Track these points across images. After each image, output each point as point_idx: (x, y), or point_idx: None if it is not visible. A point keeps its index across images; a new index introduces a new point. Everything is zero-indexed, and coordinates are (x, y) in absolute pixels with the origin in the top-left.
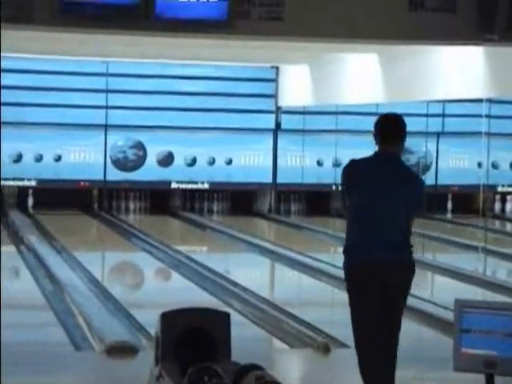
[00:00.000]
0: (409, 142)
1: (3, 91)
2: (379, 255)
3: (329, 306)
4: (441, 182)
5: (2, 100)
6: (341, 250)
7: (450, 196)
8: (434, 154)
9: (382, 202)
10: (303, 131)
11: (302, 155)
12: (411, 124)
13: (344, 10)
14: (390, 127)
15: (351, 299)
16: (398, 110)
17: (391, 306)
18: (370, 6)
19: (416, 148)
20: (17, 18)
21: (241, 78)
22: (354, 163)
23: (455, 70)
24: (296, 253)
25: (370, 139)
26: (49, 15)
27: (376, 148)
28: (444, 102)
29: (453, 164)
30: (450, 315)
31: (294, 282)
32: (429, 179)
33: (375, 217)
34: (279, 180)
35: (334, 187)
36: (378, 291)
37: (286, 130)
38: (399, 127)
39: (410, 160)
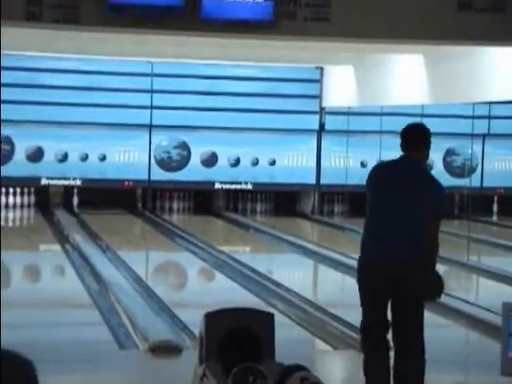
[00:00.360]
0: (454, 144)
1: (50, 91)
2: (388, 254)
3: None
4: (486, 184)
5: (49, 99)
6: None
7: (495, 198)
8: (480, 156)
9: (399, 204)
10: (347, 132)
11: (345, 156)
12: (456, 126)
13: (391, 10)
14: (415, 136)
15: (360, 296)
16: (444, 112)
17: (404, 304)
18: (417, 7)
19: (461, 150)
20: (65, 19)
21: (285, 78)
22: (379, 166)
23: (502, 71)
24: (339, 254)
25: None
26: (96, 16)
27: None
28: (490, 103)
29: (499, 166)
30: (497, 319)
31: (337, 283)
32: (474, 181)
33: (390, 217)
34: (323, 181)
35: None
36: (384, 288)
37: (330, 131)
38: (424, 136)
39: (456, 162)
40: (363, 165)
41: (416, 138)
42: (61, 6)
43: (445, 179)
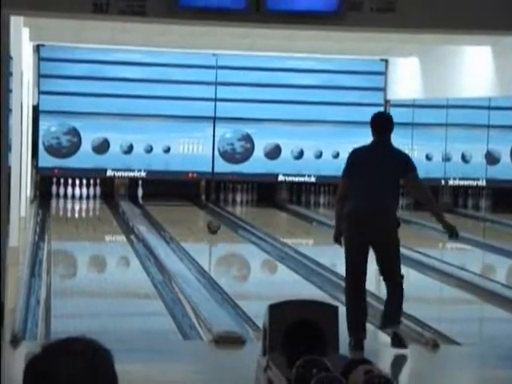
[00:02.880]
0: None
1: (117, 83)
2: (371, 208)
3: (437, 303)
4: None
5: (116, 92)
6: (449, 245)
7: None
8: None
9: (378, 174)
10: (412, 124)
11: (410, 149)
12: None
13: (457, 0)
14: (382, 123)
15: (345, 242)
16: (511, 104)
17: (382, 249)
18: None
19: None
20: (131, 11)
21: (350, 71)
22: (356, 151)
23: None
24: (404, 248)
25: (482, 133)
26: (162, 8)
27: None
28: None
29: None
30: None
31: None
32: None
33: (372, 186)
34: None
35: (443, 182)
36: (366, 237)
37: (395, 124)
38: (389, 122)
39: None
40: (428, 158)
41: (386, 124)
42: None
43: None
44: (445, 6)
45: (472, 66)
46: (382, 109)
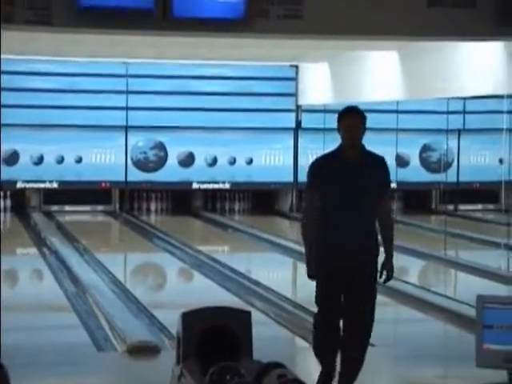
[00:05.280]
0: (430, 140)
1: (27, 94)
2: (350, 255)
3: None
4: (463, 178)
5: (25, 102)
6: None
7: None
8: (456, 151)
9: (355, 196)
10: (324, 130)
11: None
12: (432, 121)
13: (363, 7)
14: (350, 119)
15: (319, 284)
16: (418, 108)
17: (360, 290)
18: (389, 3)
19: (437, 145)
20: (36, 20)
21: (261, 77)
22: (319, 161)
23: (475, 66)
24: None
25: (391, 136)
26: (68, 17)
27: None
28: (464, 98)
29: (474, 161)
30: (474, 312)
31: None
32: (450, 176)
33: (348, 216)
34: (300, 179)
35: None
36: (341, 278)
37: (307, 129)
38: (359, 117)
39: (432, 157)
40: None
41: (353, 121)
42: (32, 7)
43: (421, 175)
44: (351, 13)
45: (380, 71)
46: (293, 114)
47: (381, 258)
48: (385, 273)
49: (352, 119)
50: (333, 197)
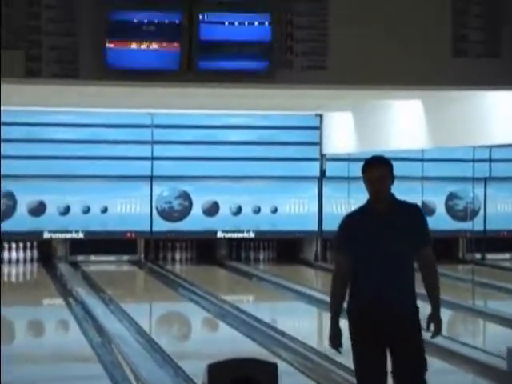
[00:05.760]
0: (456, 188)
1: (52, 145)
2: (384, 310)
3: None
4: (490, 227)
5: (51, 153)
6: None
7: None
8: (482, 199)
9: (386, 250)
10: (348, 178)
11: (347, 202)
12: (458, 169)
13: (387, 57)
14: (375, 170)
15: (355, 342)
16: (444, 156)
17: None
18: (413, 53)
19: (463, 193)
20: (63, 74)
21: (284, 126)
22: (347, 219)
23: (501, 115)
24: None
25: (416, 185)
26: (94, 71)
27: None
28: (490, 147)
29: (501, 209)
30: (503, 364)
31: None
32: (477, 224)
33: (381, 267)
34: (325, 228)
35: None
36: (383, 337)
37: (331, 177)
38: (384, 168)
39: (458, 205)
40: None
41: (379, 172)
42: (60, 61)
43: (448, 223)
44: (374, 63)
45: (404, 119)
46: (318, 163)
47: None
48: (432, 326)
49: (377, 170)
50: (366, 254)
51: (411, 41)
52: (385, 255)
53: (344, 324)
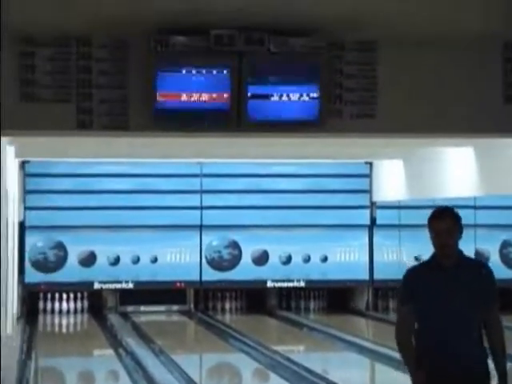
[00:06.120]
0: (510, 235)
1: (102, 195)
2: (456, 375)
3: None
4: None
5: (101, 204)
6: None
7: None
8: None
9: (452, 307)
10: (399, 226)
11: (398, 250)
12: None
13: (436, 105)
14: (441, 222)
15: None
16: (497, 203)
17: None
18: (463, 101)
19: None
20: (113, 126)
21: (334, 174)
22: (411, 272)
23: None
24: (396, 352)
25: (470, 232)
26: (144, 121)
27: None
28: None
29: None
30: None
31: (395, 382)
32: None
33: (447, 324)
34: (376, 276)
35: None
36: None
37: (382, 225)
38: (451, 220)
39: None
40: (417, 259)
41: (447, 225)
42: (110, 113)
43: (502, 271)
44: (424, 111)
45: (455, 167)
46: (368, 211)
47: None
48: None
49: (444, 222)
50: (431, 309)
51: (461, 88)
52: (451, 312)
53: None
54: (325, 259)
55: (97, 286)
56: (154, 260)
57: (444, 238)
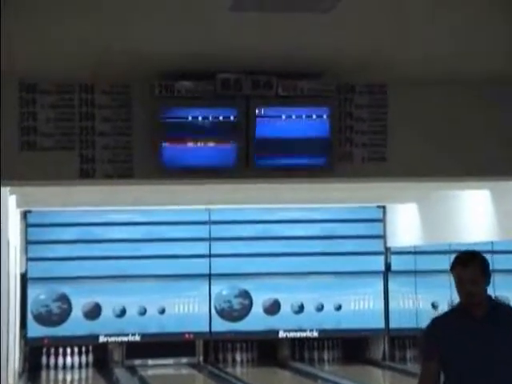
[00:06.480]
0: None
1: (107, 245)
2: None
3: None
4: None
5: (106, 254)
6: None
7: None
8: None
9: (485, 359)
10: (415, 272)
11: (415, 298)
12: None
13: (450, 147)
14: (467, 269)
15: None
16: None
17: None
18: (478, 143)
19: None
20: (117, 174)
21: (345, 219)
22: (435, 324)
23: None
24: None
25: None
26: (149, 170)
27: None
28: None
29: None
30: None
31: None
32: None
33: (480, 377)
34: (392, 325)
35: None
36: None
37: (397, 272)
38: (476, 267)
39: None
40: (434, 306)
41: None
42: (113, 161)
43: None
44: (437, 154)
45: (472, 210)
46: (382, 257)
47: None
48: None
49: (469, 269)
50: (460, 363)
51: (476, 129)
52: (483, 364)
53: None
54: (338, 308)
55: (102, 339)
56: (162, 311)
57: (470, 286)
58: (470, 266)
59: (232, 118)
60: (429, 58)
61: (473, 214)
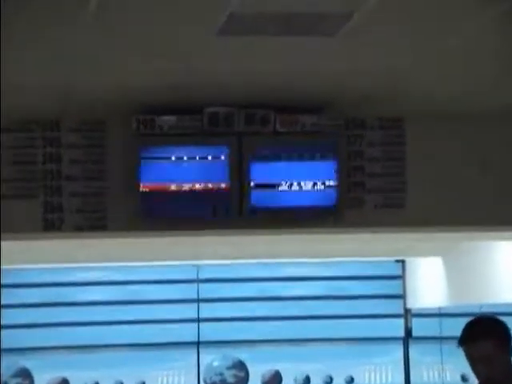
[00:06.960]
0: None
1: (76, 309)
2: None
3: None
4: None
5: (76, 319)
6: None
7: None
8: None
9: None
10: (441, 338)
11: (441, 369)
12: None
13: (477, 193)
14: (479, 347)
15: None
16: None
17: None
18: (500, 189)
19: None
20: (88, 225)
21: (358, 276)
22: None
23: None
24: None
25: None
26: (126, 220)
27: None
28: None
29: None
30: None
31: None
32: None
33: None
34: None
35: None
36: None
37: (419, 338)
38: (489, 342)
39: None
40: (464, 379)
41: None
42: (83, 210)
43: None
44: (464, 198)
45: (508, 264)
46: (401, 320)
47: None
48: None
49: (479, 348)
50: None
51: (507, 175)
52: None
53: None
54: (350, 381)
55: None
56: None
57: (484, 366)
58: (481, 341)
59: (223, 158)
60: (451, 86)
61: (509, 268)
